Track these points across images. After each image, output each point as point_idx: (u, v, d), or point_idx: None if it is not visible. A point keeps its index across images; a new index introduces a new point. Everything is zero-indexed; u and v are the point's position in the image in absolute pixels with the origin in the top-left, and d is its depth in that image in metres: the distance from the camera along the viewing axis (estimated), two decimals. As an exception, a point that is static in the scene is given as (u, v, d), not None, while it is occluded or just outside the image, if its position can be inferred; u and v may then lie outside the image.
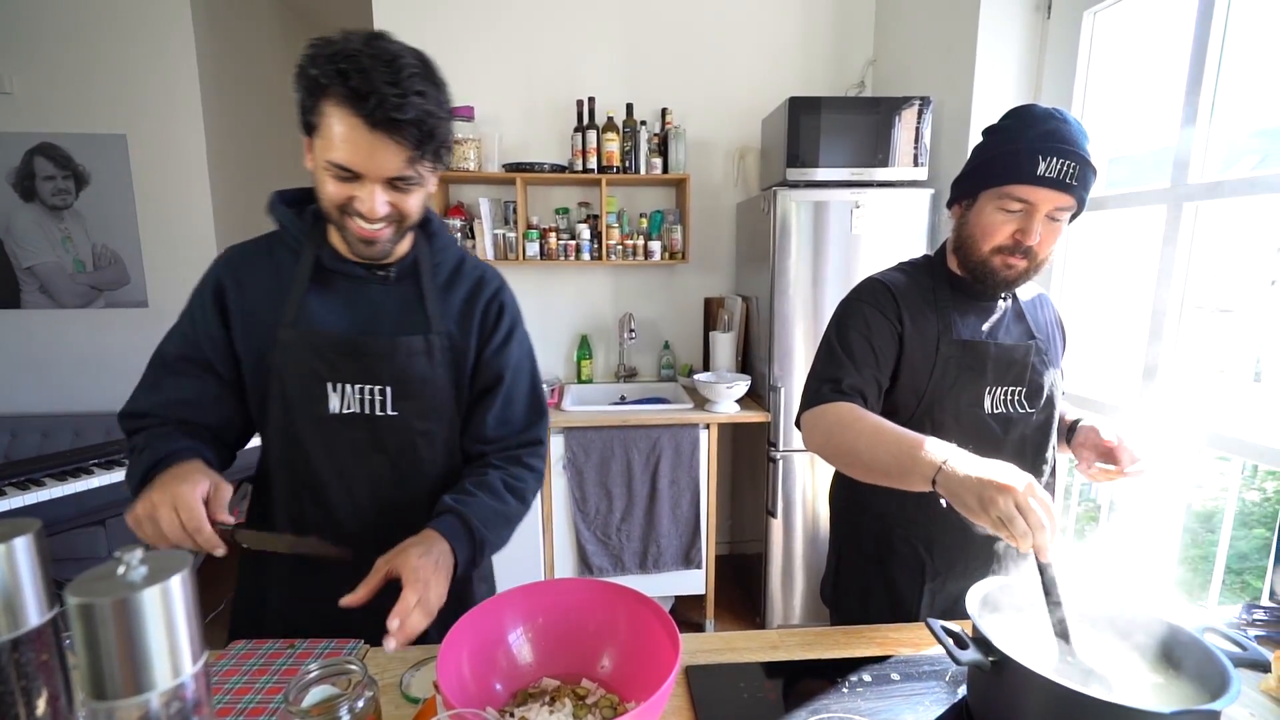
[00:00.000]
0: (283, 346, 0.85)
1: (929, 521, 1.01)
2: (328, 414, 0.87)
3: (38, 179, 2.83)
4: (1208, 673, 0.63)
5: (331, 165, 0.75)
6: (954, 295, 1.02)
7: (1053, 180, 0.88)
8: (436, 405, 0.92)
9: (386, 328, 0.88)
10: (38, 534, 0.41)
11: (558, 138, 2.63)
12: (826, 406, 0.95)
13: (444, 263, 0.94)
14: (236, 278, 0.87)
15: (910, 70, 2.43)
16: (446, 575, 0.77)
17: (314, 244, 0.87)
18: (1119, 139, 1.81)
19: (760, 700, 0.76)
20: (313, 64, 0.72)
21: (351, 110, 0.71)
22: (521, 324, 1.00)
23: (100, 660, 0.34)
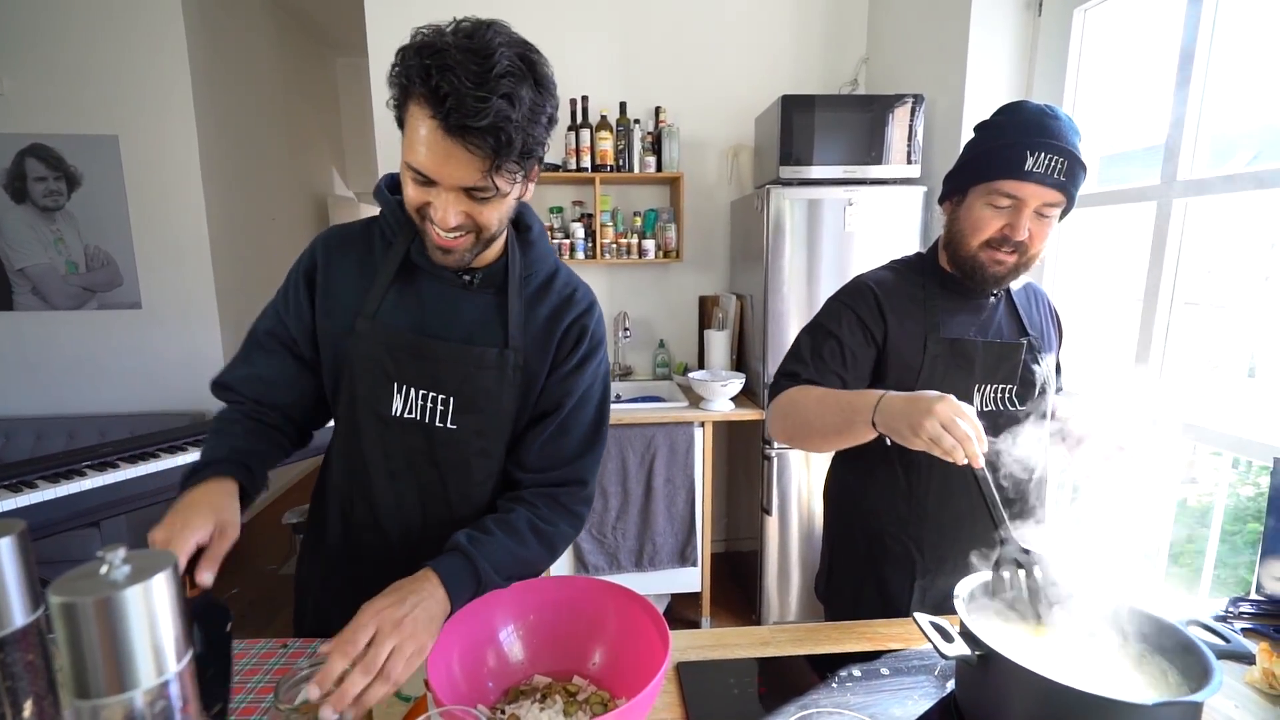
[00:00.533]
0: (357, 338, 0.83)
1: (920, 519, 1.02)
2: (390, 415, 0.85)
3: (29, 180, 2.82)
4: (1190, 664, 0.64)
5: (409, 168, 0.71)
6: (944, 293, 1.03)
7: (1040, 175, 0.88)
8: (498, 424, 0.87)
9: (460, 335, 0.84)
10: (21, 535, 0.41)
11: (552, 136, 2.62)
12: (779, 396, 1.01)
13: (536, 275, 0.89)
14: (329, 259, 0.86)
15: (903, 68, 2.44)
16: (428, 625, 0.65)
17: (407, 237, 0.83)
18: (1110, 136, 1.82)
19: (750, 696, 0.76)
20: (404, 58, 0.69)
21: (430, 112, 0.66)
22: (603, 354, 0.92)
23: (84, 659, 0.34)
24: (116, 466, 1.78)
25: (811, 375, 1.01)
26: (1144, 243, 1.59)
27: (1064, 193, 0.90)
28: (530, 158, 0.73)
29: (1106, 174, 1.86)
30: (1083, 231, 1.88)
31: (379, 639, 0.60)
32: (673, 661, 0.83)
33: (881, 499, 1.04)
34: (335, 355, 0.86)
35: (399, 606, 0.64)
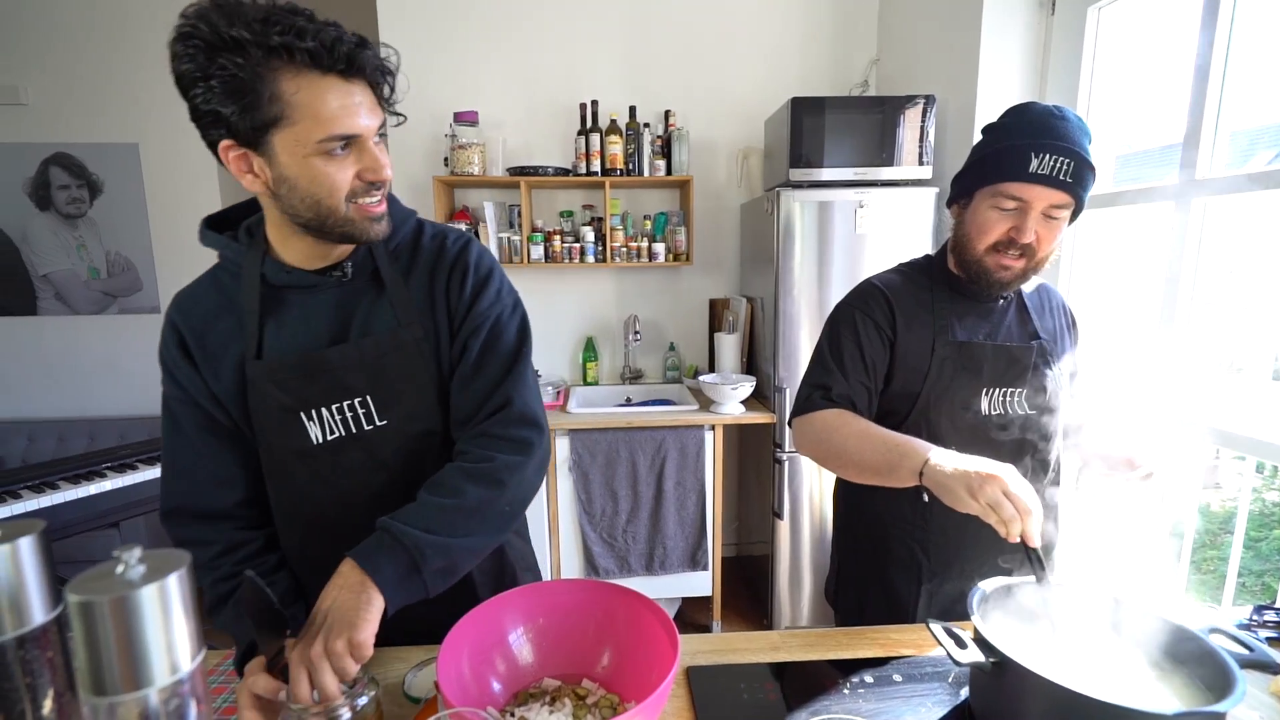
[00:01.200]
0: (251, 385, 0.78)
1: (925, 523, 1.01)
2: (312, 446, 0.79)
3: (53, 188, 2.88)
4: (1212, 674, 0.63)
5: (331, 140, 0.66)
6: (952, 296, 1.02)
7: (1045, 177, 0.87)
8: (426, 402, 0.82)
9: (354, 332, 0.79)
10: (41, 534, 0.42)
11: (561, 141, 2.64)
12: (815, 414, 0.99)
13: (401, 241, 0.84)
14: (191, 323, 0.79)
15: (914, 69, 2.43)
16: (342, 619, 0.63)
17: (255, 263, 0.77)
18: (1126, 136, 1.80)
19: (760, 701, 0.76)
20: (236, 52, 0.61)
21: (320, 71, 0.64)
22: (497, 278, 0.86)
23: (100, 657, 0.35)
24: (135, 468, 1.82)
25: (844, 389, 1.00)
26: (1163, 243, 1.57)
27: (1071, 194, 0.88)
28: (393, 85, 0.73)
29: (1123, 174, 1.84)
30: (1100, 232, 1.85)
31: (315, 675, 0.61)
32: (682, 665, 0.82)
33: (888, 502, 1.03)
34: (245, 413, 0.80)
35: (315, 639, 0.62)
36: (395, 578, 0.68)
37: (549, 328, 2.81)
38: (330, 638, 0.62)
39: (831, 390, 1.00)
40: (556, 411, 2.31)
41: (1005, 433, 0.98)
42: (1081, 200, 0.91)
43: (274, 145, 0.66)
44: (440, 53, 2.57)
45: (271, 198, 0.71)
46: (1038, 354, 1.00)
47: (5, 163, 2.83)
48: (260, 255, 0.77)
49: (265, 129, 0.65)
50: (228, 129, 0.65)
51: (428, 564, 0.70)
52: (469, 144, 2.42)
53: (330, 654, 0.61)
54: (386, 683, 0.80)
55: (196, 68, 0.62)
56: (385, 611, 0.67)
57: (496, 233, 2.52)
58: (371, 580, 0.66)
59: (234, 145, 0.67)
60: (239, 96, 0.63)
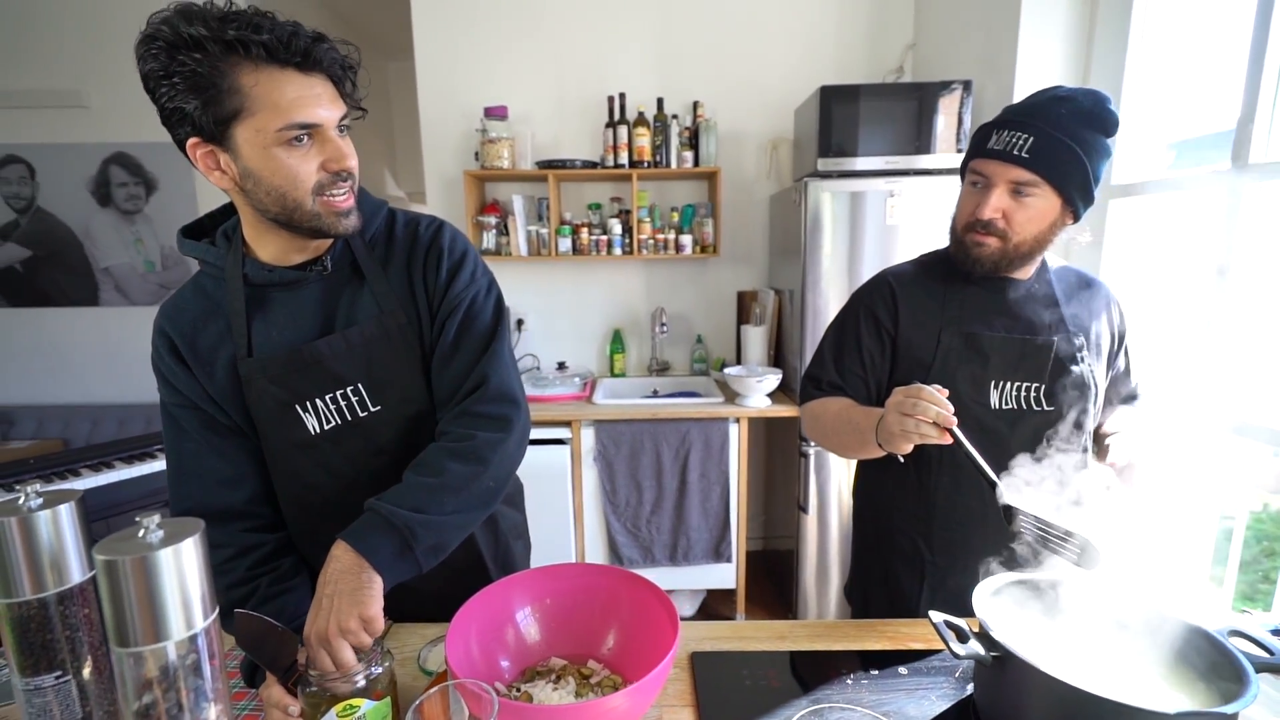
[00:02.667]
0: (246, 383, 0.80)
1: (929, 516, 1.00)
2: (310, 437, 0.82)
3: (112, 186, 3.05)
4: (1226, 676, 0.61)
5: (290, 129, 0.68)
6: (969, 285, 1.00)
7: (1000, 152, 0.88)
8: (417, 387, 0.85)
9: (339, 324, 0.82)
10: (78, 502, 0.46)
11: (590, 134, 2.66)
12: (807, 404, 1.06)
13: (376, 232, 0.86)
14: (181, 330, 0.80)
15: (952, 54, 2.35)
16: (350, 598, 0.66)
17: (236, 264, 0.79)
18: (1178, 121, 1.71)
19: (762, 688, 0.76)
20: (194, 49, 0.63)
21: (277, 64, 0.66)
22: (472, 260, 0.88)
23: (123, 611, 0.38)
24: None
25: (834, 379, 1.04)
26: (1213, 231, 1.49)
27: (1032, 170, 0.87)
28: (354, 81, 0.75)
29: (1176, 162, 1.75)
30: (1148, 220, 1.77)
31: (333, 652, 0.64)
32: (688, 651, 0.84)
33: (894, 495, 1.04)
34: (239, 411, 0.82)
35: (324, 617, 0.65)
36: (389, 558, 0.70)
37: (577, 319, 2.84)
38: (342, 618, 0.65)
39: (822, 381, 1.04)
40: (582, 403, 2.34)
41: (1019, 429, 0.95)
42: (1057, 181, 0.88)
43: (236, 138, 0.68)
44: (472, 49, 2.61)
45: (240, 194, 0.73)
46: (1059, 349, 0.96)
47: (70, 163, 3.01)
48: (240, 257, 0.79)
49: (227, 122, 0.67)
50: (193, 126, 0.67)
51: (419, 543, 0.72)
52: (498, 138, 2.46)
53: (345, 632, 0.65)
54: (403, 656, 0.84)
55: (159, 66, 0.65)
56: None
57: (525, 225, 2.56)
58: (368, 561, 0.69)
59: (200, 142, 0.69)
60: (200, 91, 0.65)
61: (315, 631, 0.65)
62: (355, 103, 0.76)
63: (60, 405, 3.07)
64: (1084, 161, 0.87)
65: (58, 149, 3.02)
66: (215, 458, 0.82)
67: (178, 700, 0.39)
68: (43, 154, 3.03)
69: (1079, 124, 0.86)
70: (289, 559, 0.84)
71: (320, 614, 0.66)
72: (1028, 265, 0.98)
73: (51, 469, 1.82)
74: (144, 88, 0.68)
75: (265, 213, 0.74)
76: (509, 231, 2.57)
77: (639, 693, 0.63)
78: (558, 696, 0.71)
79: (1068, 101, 0.88)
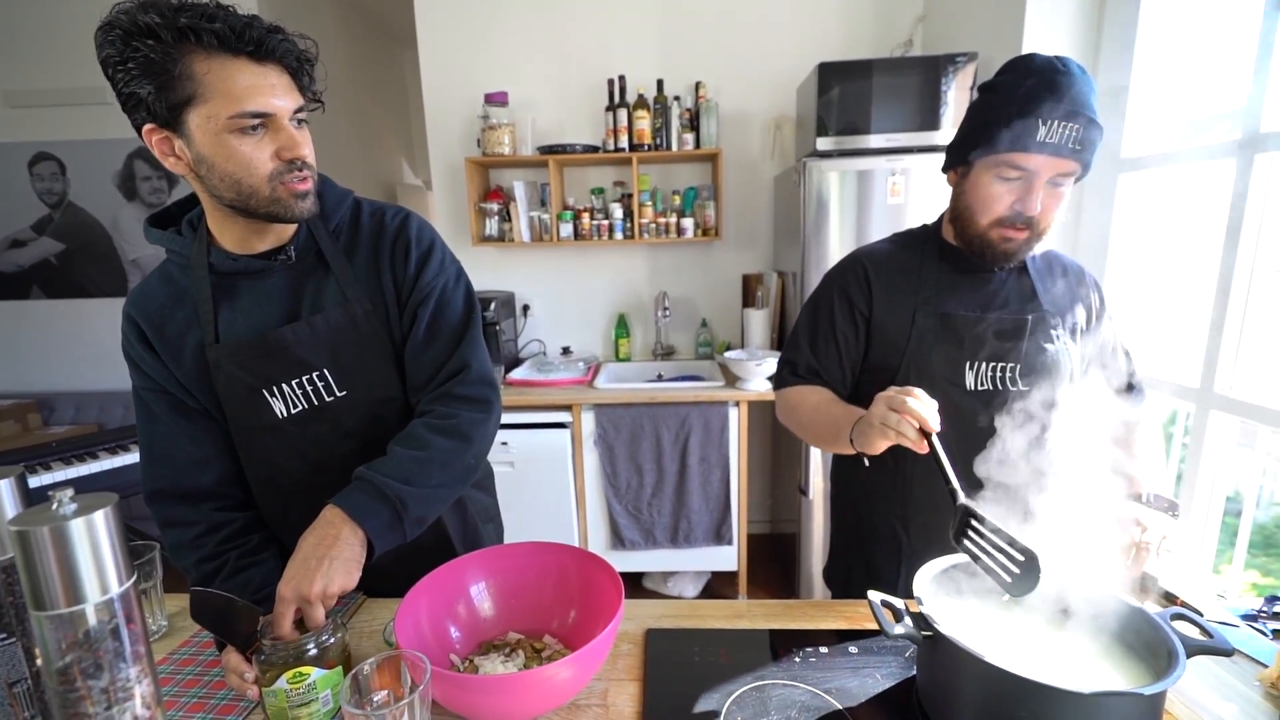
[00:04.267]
0: (214, 368, 0.82)
1: (905, 500, 0.99)
2: (278, 420, 0.84)
3: (137, 180, 3.16)
4: (1160, 657, 0.60)
5: (242, 117, 0.69)
6: (943, 265, 0.98)
7: (1054, 146, 0.81)
8: (383, 372, 0.87)
9: (304, 311, 0.84)
10: (18, 479, 0.49)
11: (591, 118, 2.65)
12: (783, 390, 1.04)
13: (341, 221, 0.88)
14: (149, 317, 0.82)
15: (963, 25, 2.27)
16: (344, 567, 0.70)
17: (201, 253, 0.81)
18: (1190, 97, 1.63)
19: (711, 664, 0.78)
20: (150, 33, 0.65)
21: (230, 53, 0.68)
22: (439, 250, 0.90)
23: (39, 578, 0.41)
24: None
25: (810, 363, 1.03)
26: (1221, 207, 1.42)
27: (1079, 161, 0.83)
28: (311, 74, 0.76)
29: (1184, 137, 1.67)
30: (1153, 197, 1.70)
31: (309, 611, 0.67)
32: (644, 627, 0.86)
33: (871, 481, 1.02)
34: (207, 396, 0.84)
35: (313, 580, 0.68)
36: (381, 528, 0.74)
37: (581, 304, 2.85)
38: (330, 583, 0.68)
39: (798, 365, 1.03)
40: (583, 387, 2.37)
41: (994, 409, 0.93)
42: (1088, 165, 0.85)
43: (189, 124, 0.69)
44: (474, 35, 2.62)
45: (196, 180, 0.75)
46: (1034, 326, 0.94)
47: (97, 158, 3.13)
48: (205, 245, 0.81)
49: (180, 108, 0.68)
50: (148, 111, 0.69)
51: (409, 514, 0.76)
52: (499, 124, 2.47)
53: (326, 596, 0.68)
54: (370, 629, 0.87)
55: (115, 53, 0.67)
56: (369, 558, 0.74)
57: (527, 211, 2.57)
58: (363, 530, 0.73)
59: (156, 128, 0.70)
60: (154, 77, 0.67)
61: (297, 589, 0.67)
62: (313, 95, 0.78)
63: (96, 392, 3.22)
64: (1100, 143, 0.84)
65: (86, 145, 3.14)
66: (185, 440, 0.85)
67: (95, 661, 0.43)
68: (72, 150, 3.15)
69: (1094, 95, 0.83)
70: (258, 535, 0.87)
71: (308, 574, 0.68)
72: None
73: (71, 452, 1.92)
74: (103, 73, 0.70)
75: (220, 199, 0.75)
76: (512, 217, 2.59)
77: (574, 664, 0.65)
78: (505, 668, 0.74)
79: (1075, 74, 0.82)
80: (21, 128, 3.11)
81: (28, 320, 3.30)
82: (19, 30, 2.97)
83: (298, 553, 0.71)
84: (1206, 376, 1.44)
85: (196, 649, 0.84)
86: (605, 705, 0.72)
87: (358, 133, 4.10)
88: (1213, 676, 0.72)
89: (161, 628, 0.90)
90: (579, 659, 0.65)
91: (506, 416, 2.28)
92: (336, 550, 0.71)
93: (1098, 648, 0.66)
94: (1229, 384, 1.41)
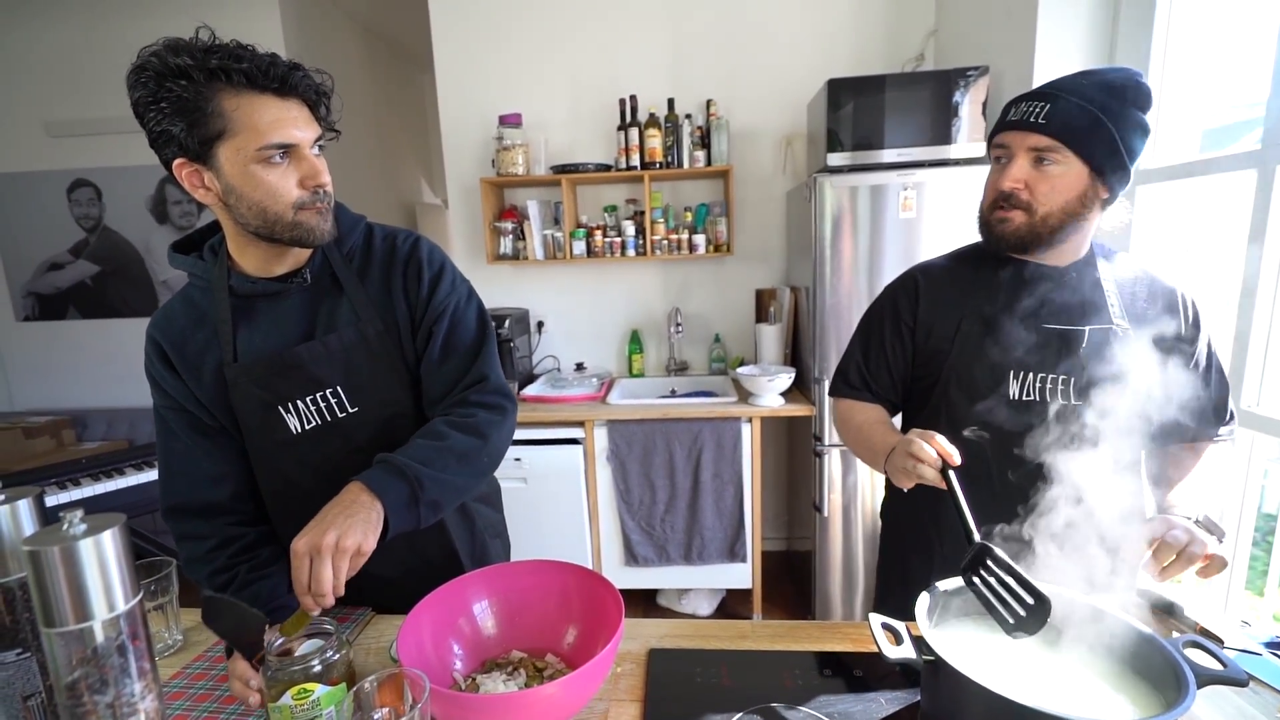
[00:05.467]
0: (232, 387, 0.86)
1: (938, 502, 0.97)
2: (293, 437, 0.88)
3: (168, 204, 3.28)
4: (1171, 686, 0.58)
5: (269, 149, 0.74)
6: (999, 274, 0.97)
7: (1018, 121, 0.88)
8: (393, 389, 0.91)
9: (319, 331, 0.88)
10: (35, 499, 0.51)
11: (604, 137, 2.69)
12: (835, 403, 1.11)
13: (354, 245, 0.92)
14: (172, 338, 0.86)
15: (975, 39, 2.27)
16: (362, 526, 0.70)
17: (222, 277, 0.85)
18: (1209, 107, 1.60)
19: (712, 685, 0.77)
20: (180, 77, 0.70)
21: (258, 90, 0.73)
22: (450, 270, 0.94)
23: (49, 596, 0.43)
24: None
25: (862, 374, 1.07)
26: (1243, 219, 1.39)
27: (1049, 135, 0.86)
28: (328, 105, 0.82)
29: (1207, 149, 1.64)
30: (1172, 210, 1.67)
31: (318, 563, 0.67)
32: (647, 647, 0.85)
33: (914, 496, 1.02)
34: (225, 414, 0.88)
35: (326, 531, 0.68)
36: (398, 504, 0.75)
37: (595, 321, 2.88)
38: (344, 536, 0.68)
39: (849, 375, 1.08)
40: (596, 403, 2.38)
41: (1041, 420, 0.90)
42: (1077, 145, 0.85)
43: (219, 157, 0.74)
44: (487, 58, 2.68)
45: (224, 209, 0.79)
46: (1092, 339, 0.91)
47: (131, 183, 3.25)
48: (225, 269, 0.86)
49: (211, 142, 0.73)
50: (180, 147, 0.73)
51: (425, 494, 0.78)
52: (513, 145, 2.52)
53: (340, 549, 0.67)
54: (378, 645, 0.88)
55: (148, 94, 0.71)
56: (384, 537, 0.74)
57: (541, 230, 2.61)
58: (380, 502, 0.74)
59: (186, 162, 0.75)
60: (186, 115, 0.72)
61: (310, 541, 0.67)
62: (329, 125, 0.84)
63: (127, 408, 3.33)
64: (1109, 128, 0.84)
65: (120, 171, 3.27)
66: (202, 457, 0.88)
67: (101, 677, 0.44)
68: (108, 176, 3.28)
69: (1103, 92, 0.85)
70: (268, 549, 0.90)
71: (320, 527, 0.69)
72: (1062, 248, 0.93)
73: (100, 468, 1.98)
74: (134, 113, 0.75)
75: (246, 226, 0.79)
76: (526, 236, 2.63)
77: (572, 684, 0.65)
78: (506, 687, 0.74)
79: (1092, 74, 0.87)
80: (61, 156, 3.25)
81: (64, 339, 3.42)
82: (57, 62, 3.12)
83: (316, 517, 0.72)
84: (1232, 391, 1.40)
85: (210, 664, 0.86)
86: (605, 726, 0.71)
87: (379, 153, 4.21)
88: (1232, 707, 0.69)
89: (177, 642, 0.92)
90: (574, 680, 0.65)
91: (520, 433, 2.30)
92: (353, 510, 0.72)
93: (1110, 675, 0.65)
94: (1255, 400, 1.37)
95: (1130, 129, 0.85)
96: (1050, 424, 0.89)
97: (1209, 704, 0.70)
